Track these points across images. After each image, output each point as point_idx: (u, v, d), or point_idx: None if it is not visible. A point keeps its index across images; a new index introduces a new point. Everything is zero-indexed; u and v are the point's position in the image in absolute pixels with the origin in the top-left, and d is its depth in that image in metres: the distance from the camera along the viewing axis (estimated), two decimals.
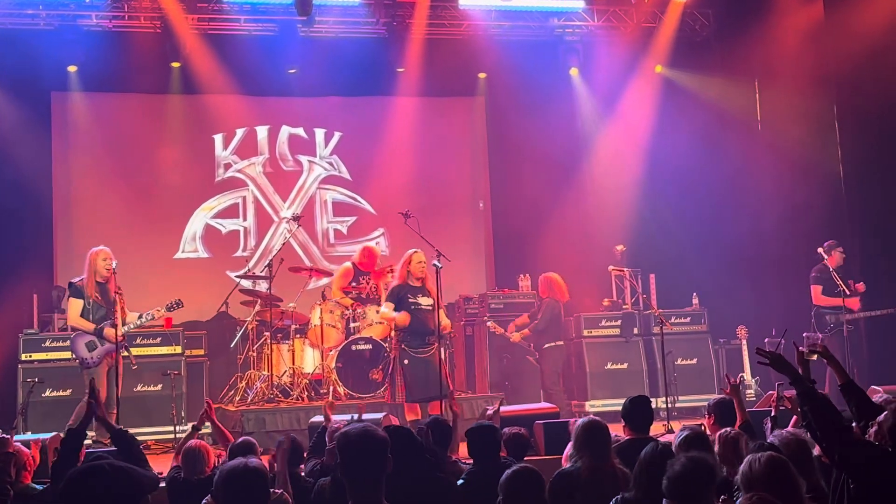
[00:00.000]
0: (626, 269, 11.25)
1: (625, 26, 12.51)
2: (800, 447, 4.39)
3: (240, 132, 12.69)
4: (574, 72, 12.73)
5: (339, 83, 12.38)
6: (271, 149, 12.78)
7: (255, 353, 10.22)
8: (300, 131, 12.86)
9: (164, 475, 5.62)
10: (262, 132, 12.78)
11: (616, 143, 12.69)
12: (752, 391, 10.46)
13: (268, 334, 10.00)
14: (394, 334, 9.01)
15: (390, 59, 12.24)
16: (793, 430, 4.98)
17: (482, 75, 13.00)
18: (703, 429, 5.61)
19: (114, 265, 8.64)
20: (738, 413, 5.86)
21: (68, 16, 11.24)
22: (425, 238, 8.90)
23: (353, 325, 10.14)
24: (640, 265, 11.68)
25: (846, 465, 4.16)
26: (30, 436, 7.86)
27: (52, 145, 11.89)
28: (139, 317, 8.84)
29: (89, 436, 7.84)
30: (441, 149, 13.11)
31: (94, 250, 8.78)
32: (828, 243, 9.96)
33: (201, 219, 12.48)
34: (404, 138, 12.72)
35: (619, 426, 5.65)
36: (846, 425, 4.33)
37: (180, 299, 9.04)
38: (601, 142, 12.80)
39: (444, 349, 8.94)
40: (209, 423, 6.35)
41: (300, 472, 5.40)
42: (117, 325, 8.50)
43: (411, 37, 12.02)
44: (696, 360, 11.11)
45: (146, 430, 9.48)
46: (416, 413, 8.56)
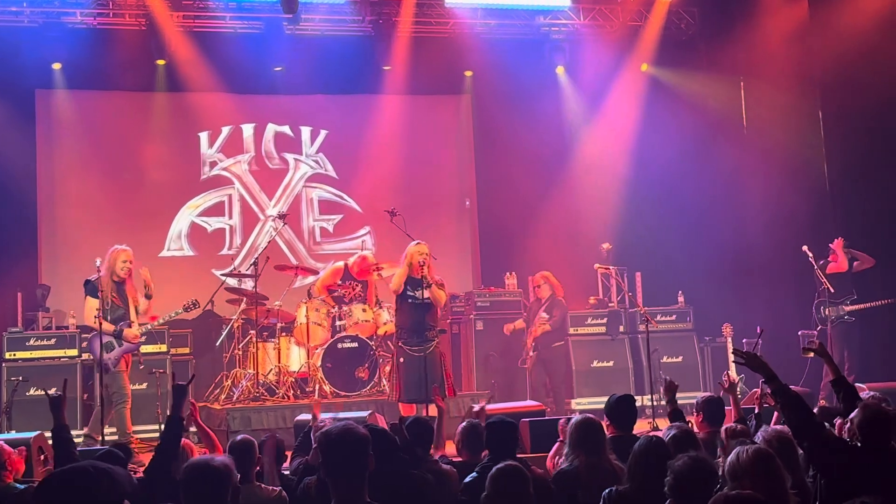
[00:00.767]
0: (612, 268, 11.27)
1: (611, 25, 12.53)
2: (785, 444, 4.41)
3: (225, 130, 12.64)
4: (560, 70, 12.78)
5: (325, 81, 12.34)
6: (257, 147, 12.73)
7: (240, 352, 10.19)
8: (286, 129, 12.80)
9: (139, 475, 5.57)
10: (248, 130, 12.73)
11: (602, 141, 12.70)
12: (738, 389, 10.48)
13: (253, 332, 9.98)
14: (385, 333, 8.94)
15: (376, 57, 12.22)
16: (780, 427, 5.01)
17: (468, 73, 12.99)
18: (691, 426, 5.64)
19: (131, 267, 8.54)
20: (734, 410, 5.98)
21: (53, 13, 11.20)
22: (411, 236, 8.89)
23: (338, 323, 10.15)
24: (626, 263, 11.73)
25: (814, 460, 4.22)
26: (14, 435, 7.85)
27: (37, 143, 11.82)
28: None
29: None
30: (427, 147, 13.09)
31: (115, 248, 8.59)
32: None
33: (187, 217, 12.43)
34: (390, 136, 12.69)
35: (603, 424, 5.65)
36: (818, 422, 4.39)
37: (196, 300, 9.12)
38: (587, 140, 12.82)
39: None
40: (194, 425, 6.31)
41: (282, 471, 5.38)
42: (133, 323, 8.50)
43: (397, 35, 12.01)
44: (681, 358, 11.18)
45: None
46: (411, 412, 8.53)
